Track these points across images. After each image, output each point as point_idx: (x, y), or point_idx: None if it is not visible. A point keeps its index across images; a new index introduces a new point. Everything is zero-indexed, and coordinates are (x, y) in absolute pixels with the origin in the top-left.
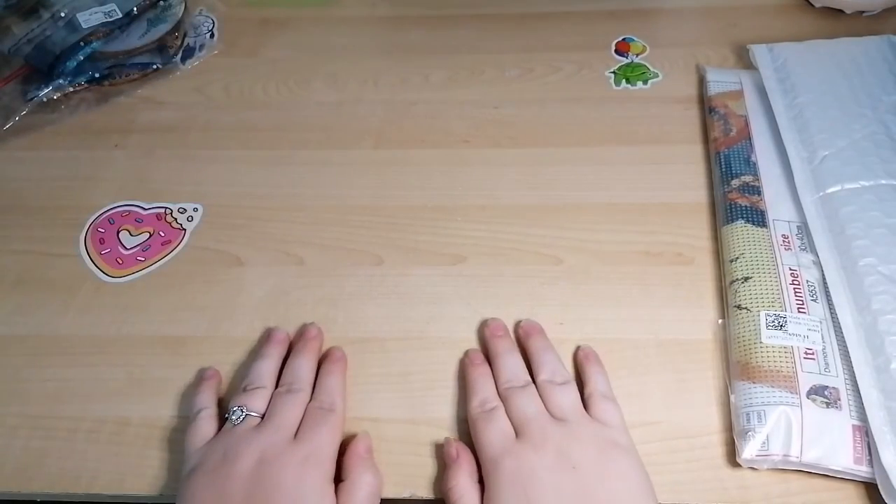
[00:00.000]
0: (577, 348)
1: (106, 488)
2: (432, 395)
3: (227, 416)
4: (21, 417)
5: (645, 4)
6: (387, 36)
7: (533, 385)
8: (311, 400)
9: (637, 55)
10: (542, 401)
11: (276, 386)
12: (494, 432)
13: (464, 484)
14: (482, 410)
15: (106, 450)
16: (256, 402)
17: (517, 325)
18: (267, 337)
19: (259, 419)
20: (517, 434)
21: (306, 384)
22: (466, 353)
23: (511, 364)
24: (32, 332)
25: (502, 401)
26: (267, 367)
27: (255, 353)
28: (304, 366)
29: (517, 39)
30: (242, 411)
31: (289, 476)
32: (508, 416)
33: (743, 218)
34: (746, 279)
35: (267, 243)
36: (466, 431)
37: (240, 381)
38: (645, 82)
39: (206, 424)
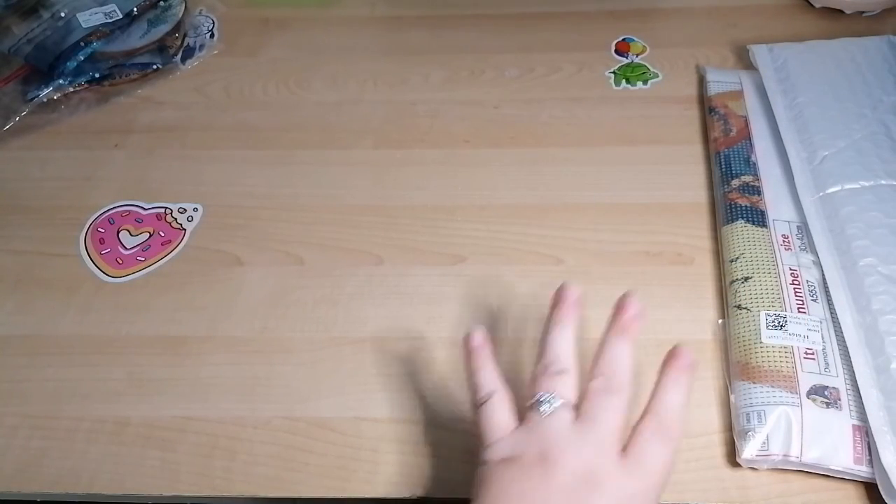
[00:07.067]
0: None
1: (106, 488)
2: (432, 395)
3: (533, 401)
4: (21, 417)
5: (645, 4)
6: (387, 36)
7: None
8: (645, 414)
9: (637, 55)
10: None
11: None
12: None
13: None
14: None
15: (106, 450)
16: (565, 389)
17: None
18: (559, 298)
19: (572, 411)
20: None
21: (627, 381)
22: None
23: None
24: (32, 332)
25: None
26: (567, 344)
27: (546, 329)
28: (622, 354)
29: (517, 39)
30: (551, 402)
31: None
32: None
33: (743, 218)
34: (746, 279)
35: (267, 243)
36: (467, 431)
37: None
38: (645, 82)
39: (501, 411)
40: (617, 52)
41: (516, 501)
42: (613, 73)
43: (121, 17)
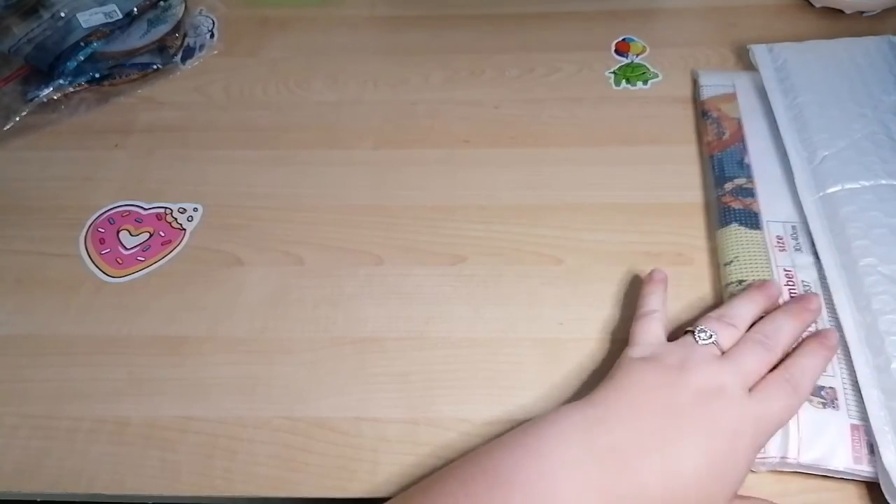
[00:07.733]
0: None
1: (106, 488)
2: (432, 395)
3: (691, 329)
4: (21, 417)
5: (645, 4)
6: (387, 36)
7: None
8: (778, 367)
9: (637, 55)
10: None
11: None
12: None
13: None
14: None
15: (106, 450)
16: (725, 336)
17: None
18: (759, 285)
19: (720, 353)
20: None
21: (781, 347)
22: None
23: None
24: (32, 332)
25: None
26: (748, 310)
27: (741, 293)
28: (788, 327)
29: (517, 39)
30: (710, 336)
31: (732, 422)
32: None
33: (737, 221)
34: (741, 282)
35: (267, 243)
36: (467, 431)
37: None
38: (645, 82)
39: (657, 326)
40: (617, 52)
41: (649, 391)
42: (613, 73)
43: (121, 17)
